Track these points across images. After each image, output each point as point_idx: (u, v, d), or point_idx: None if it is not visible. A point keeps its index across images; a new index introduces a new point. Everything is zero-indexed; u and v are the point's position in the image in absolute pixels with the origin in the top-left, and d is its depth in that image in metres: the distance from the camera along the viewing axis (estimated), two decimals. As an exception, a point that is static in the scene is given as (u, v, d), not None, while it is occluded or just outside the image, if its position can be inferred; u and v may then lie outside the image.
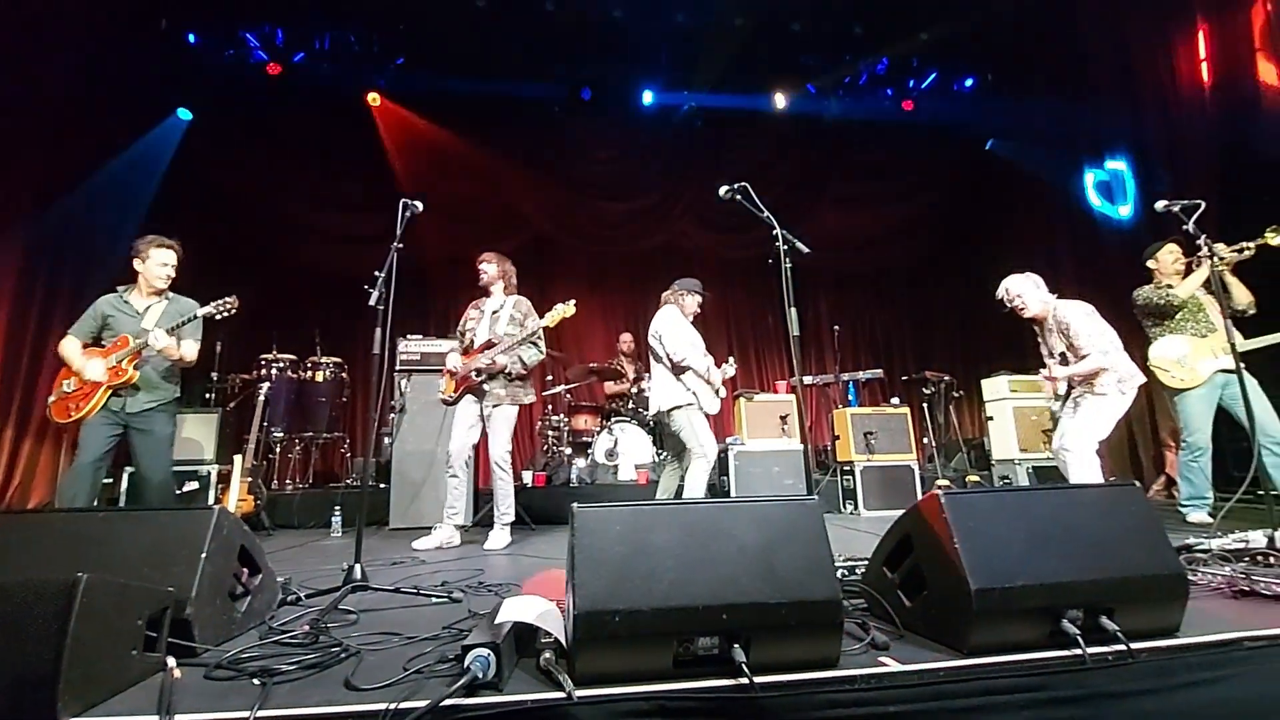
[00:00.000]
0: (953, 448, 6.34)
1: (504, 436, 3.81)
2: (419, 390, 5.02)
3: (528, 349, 3.84)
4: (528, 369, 3.86)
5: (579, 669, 1.28)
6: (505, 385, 3.81)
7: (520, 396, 3.87)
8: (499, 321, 3.90)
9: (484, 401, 3.82)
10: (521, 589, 2.45)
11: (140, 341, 3.36)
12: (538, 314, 3.96)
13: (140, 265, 3.54)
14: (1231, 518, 3.43)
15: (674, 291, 4.17)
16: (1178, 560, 1.65)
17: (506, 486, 3.86)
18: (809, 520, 1.46)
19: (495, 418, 3.79)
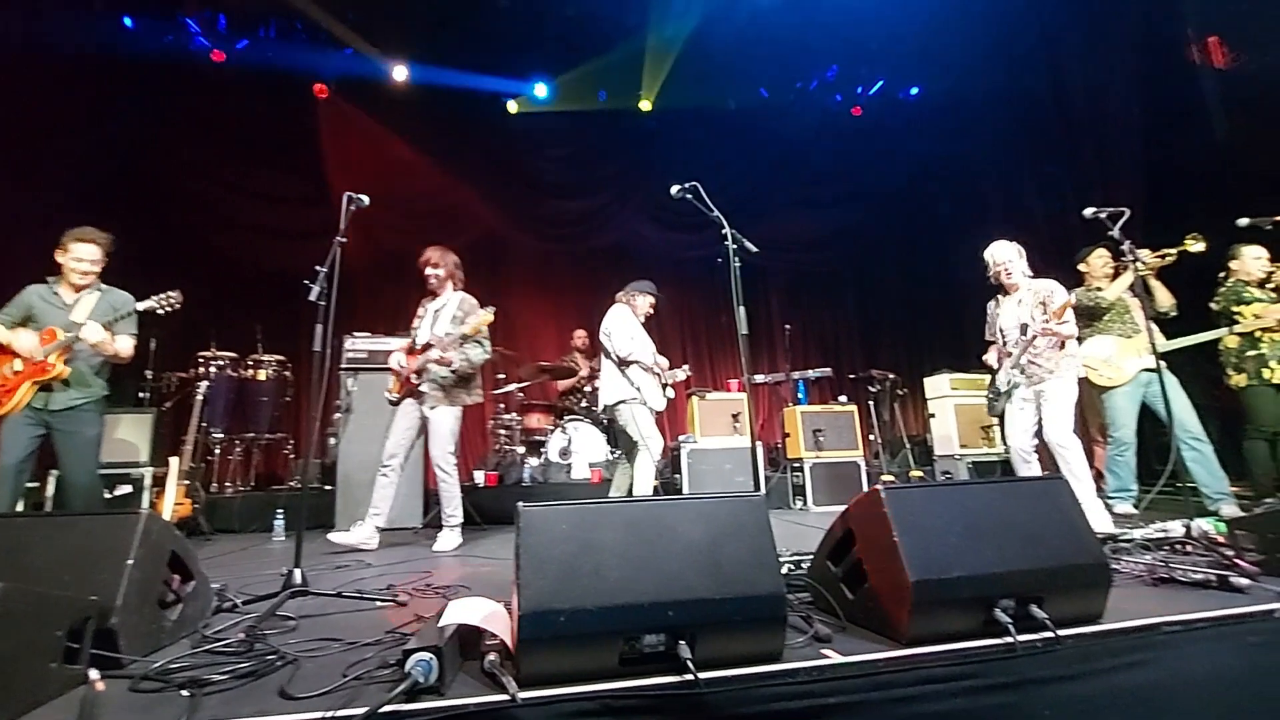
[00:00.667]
0: (897, 444, 6.54)
1: (444, 438, 3.70)
2: (366, 390, 4.87)
3: (473, 347, 3.72)
4: (475, 367, 3.76)
5: (524, 670, 1.26)
6: (443, 387, 3.71)
7: (461, 398, 3.76)
8: (440, 320, 3.80)
9: (423, 404, 3.72)
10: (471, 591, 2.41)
11: (71, 335, 3.17)
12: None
13: (61, 258, 3.34)
14: (1153, 508, 3.65)
15: (627, 292, 4.25)
16: (1102, 550, 1.74)
17: (452, 488, 3.77)
18: (754, 516, 1.48)
19: (434, 420, 3.69)
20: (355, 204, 2.94)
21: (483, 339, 3.76)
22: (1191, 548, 2.42)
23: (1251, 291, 4.05)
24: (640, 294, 4.22)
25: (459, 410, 3.75)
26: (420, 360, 3.67)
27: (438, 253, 3.91)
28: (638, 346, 4.02)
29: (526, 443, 6.16)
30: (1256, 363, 3.98)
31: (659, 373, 4.11)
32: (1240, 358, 4.05)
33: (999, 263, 3.72)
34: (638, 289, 4.24)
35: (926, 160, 8.83)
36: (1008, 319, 3.72)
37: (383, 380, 4.91)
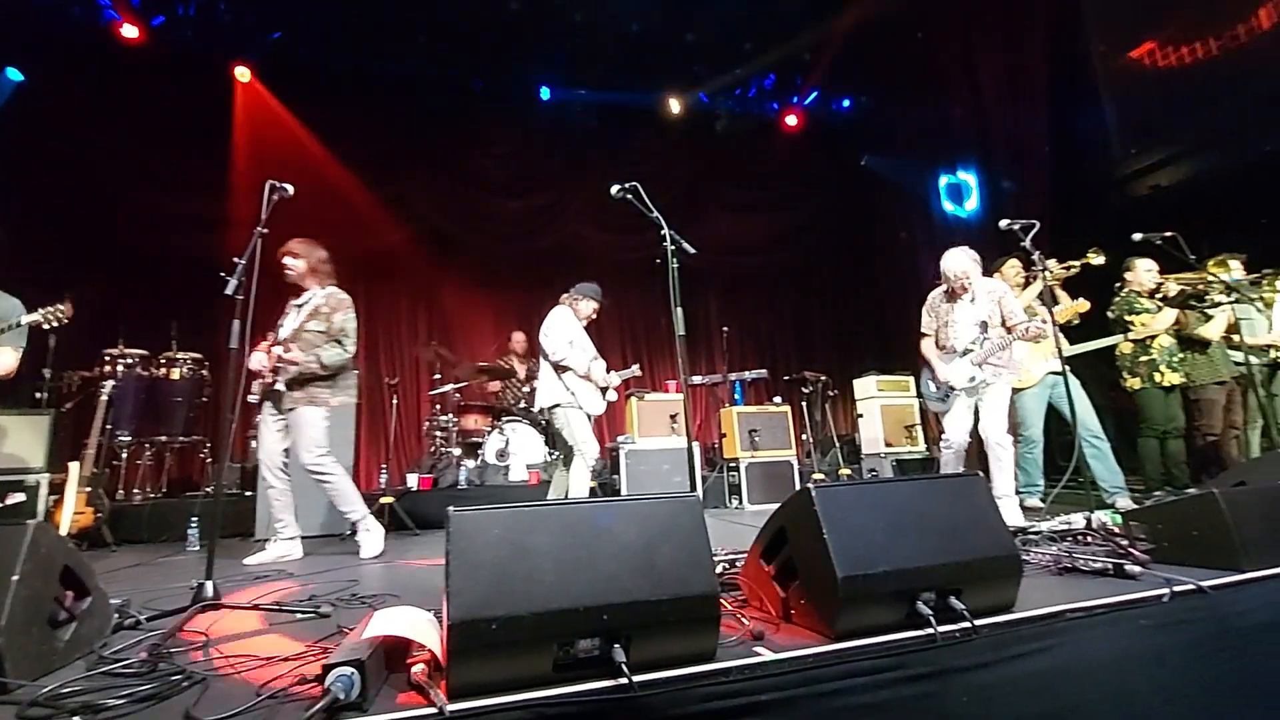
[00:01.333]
0: (828, 443, 6.78)
1: (308, 440, 3.41)
2: (290, 390, 4.64)
3: (330, 347, 3.47)
4: (328, 369, 3.46)
5: (453, 681, 1.22)
6: (302, 386, 3.44)
7: (323, 397, 3.47)
8: (300, 317, 3.54)
9: (281, 405, 3.46)
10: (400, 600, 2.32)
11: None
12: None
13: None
14: (1058, 503, 3.91)
15: (571, 294, 4.18)
16: (1014, 543, 1.84)
17: (339, 486, 3.49)
18: (689, 517, 1.48)
19: (294, 422, 3.43)
20: (279, 193, 2.79)
21: (344, 338, 3.53)
22: (1092, 539, 2.60)
23: (1143, 302, 4.41)
24: (585, 298, 4.15)
25: (323, 410, 3.47)
26: (274, 359, 3.41)
27: (300, 245, 3.60)
28: (574, 353, 3.94)
29: (463, 444, 6.02)
30: (1148, 367, 4.34)
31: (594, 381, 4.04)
32: (1134, 362, 4.41)
33: (958, 275, 3.72)
34: (583, 292, 4.16)
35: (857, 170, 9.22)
36: (963, 318, 3.76)
37: (308, 380, 4.72)
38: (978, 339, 3.68)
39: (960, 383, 3.69)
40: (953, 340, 3.78)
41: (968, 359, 3.69)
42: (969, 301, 3.76)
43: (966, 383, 3.68)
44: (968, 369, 3.68)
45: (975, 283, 3.74)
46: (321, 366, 3.44)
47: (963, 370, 3.69)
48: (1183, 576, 1.94)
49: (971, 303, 3.75)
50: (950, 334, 3.79)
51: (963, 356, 3.72)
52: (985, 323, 3.69)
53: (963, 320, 3.76)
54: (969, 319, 3.75)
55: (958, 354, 3.74)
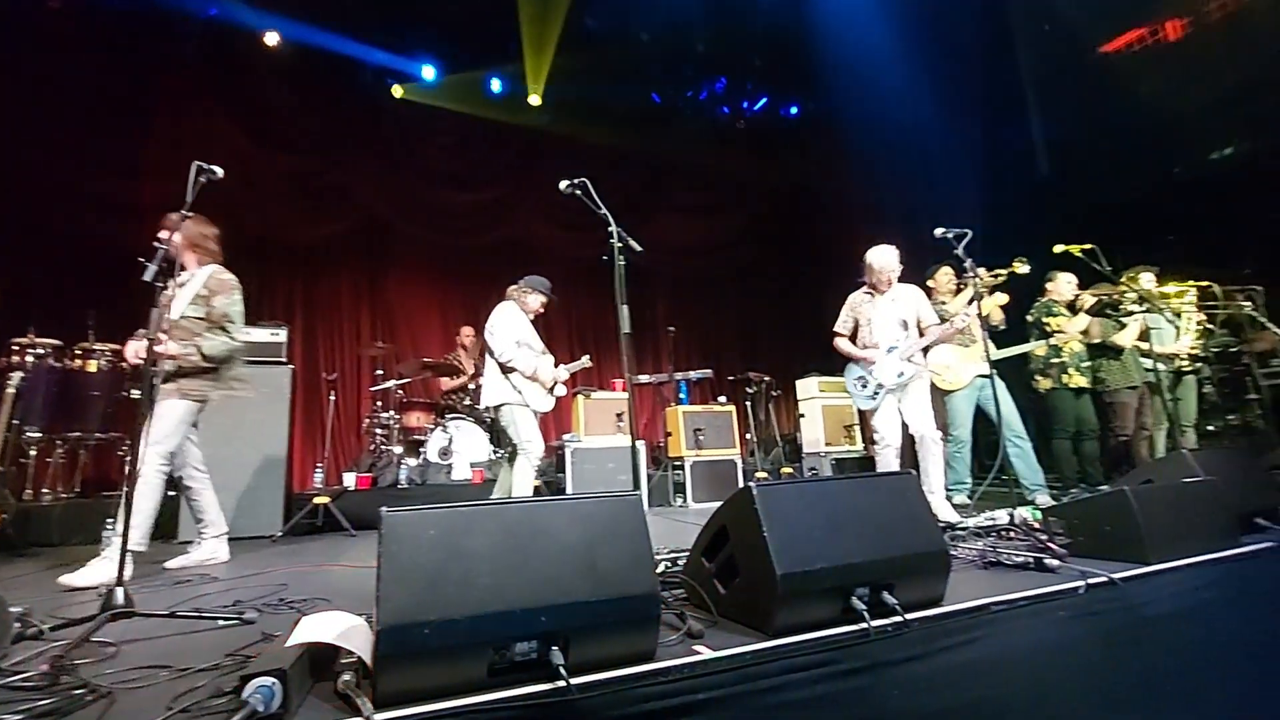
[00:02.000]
0: (770, 442, 6.92)
1: (159, 431, 2.97)
2: (217, 384, 4.40)
3: (212, 335, 3.11)
4: (210, 360, 3.11)
5: (382, 689, 1.17)
6: (174, 378, 3.08)
7: (197, 391, 3.12)
8: (179, 300, 3.13)
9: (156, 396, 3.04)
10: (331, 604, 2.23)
11: None
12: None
13: None
14: (984, 499, 4.11)
15: (518, 288, 4.08)
16: (944, 538, 1.92)
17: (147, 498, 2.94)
18: (631, 515, 1.47)
19: (156, 412, 3.01)
20: (206, 175, 2.61)
21: (229, 325, 3.17)
22: (1014, 534, 2.73)
23: (1059, 307, 4.68)
24: (533, 291, 4.07)
25: (193, 406, 3.12)
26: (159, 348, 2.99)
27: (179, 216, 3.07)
28: (521, 353, 3.86)
29: (404, 442, 5.84)
30: (1058, 369, 4.62)
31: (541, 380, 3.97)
32: (1046, 364, 4.69)
33: (886, 269, 3.87)
34: (531, 285, 4.07)
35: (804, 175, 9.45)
36: (885, 315, 3.88)
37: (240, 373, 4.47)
38: (900, 336, 3.82)
39: (890, 380, 3.81)
40: (875, 337, 3.89)
41: (894, 355, 3.81)
42: (890, 300, 3.89)
43: (896, 379, 3.80)
44: (896, 365, 3.81)
45: (894, 279, 3.90)
46: (203, 357, 3.08)
47: (892, 366, 3.81)
48: (1096, 569, 2.06)
49: (892, 301, 3.89)
50: (872, 331, 3.90)
51: (889, 353, 3.83)
52: (905, 321, 3.84)
53: (885, 318, 3.89)
54: (892, 316, 3.88)
55: (882, 350, 3.85)
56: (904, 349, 3.79)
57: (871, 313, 3.93)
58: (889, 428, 3.82)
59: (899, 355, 3.80)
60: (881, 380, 3.83)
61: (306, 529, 4.44)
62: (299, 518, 4.35)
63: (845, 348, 4.03)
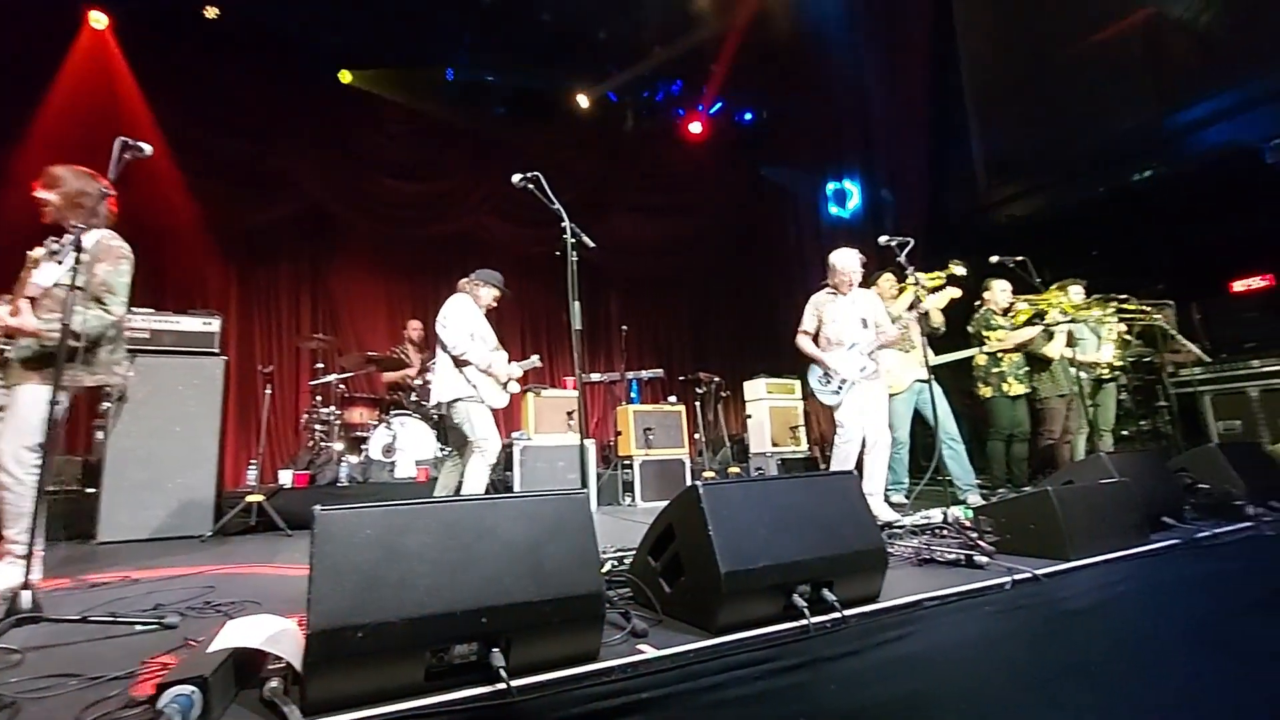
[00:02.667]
0: (719, 442, 7.01)
1: (22, 427, 2.55)
2: (147, 376, 4.15)
3: (87, 310, 2.61)
4: (84, 337, 2.61)
5: (311, 695, 1.12)
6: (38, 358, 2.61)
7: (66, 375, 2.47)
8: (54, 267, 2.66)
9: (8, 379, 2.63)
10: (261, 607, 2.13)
11: None
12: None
13: None
14: (920, 499, 4.26)
15: (471, 280, 3.97)
16: (881, 536, 1.97)
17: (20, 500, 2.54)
18: (577, 514, 1.46)
19: (13, 399, 2.59)
20: (132, 152, 2.43)
21: (108, 297, 2.70)
22: (947, 532, 2.83)
23: (997, 319, 4.90)
24: (486, 284, 3.97)
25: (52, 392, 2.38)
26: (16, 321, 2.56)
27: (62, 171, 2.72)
28: (475, 346, 3.77)
29: (346, 439, 5.64)
30: (998, 378, 4.84)
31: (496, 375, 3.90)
32: (987, 373, 4.90)
33: (849, 271, 3.97)
34: (484, 278, 3.97)
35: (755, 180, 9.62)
36: (848, 314, 3.99)
37: (170, 365, 4.24)
38: (862, 334, 3.94)
39: (853, 374, 3.90)
40: (839, 335, 3.99)
41: (856, 350, 3.92)
42: (850, 301, 4.02)
43: (859, 373, 3.90)
44: (859, 360, 3.91)
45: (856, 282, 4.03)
46: (74, 335, 2.49)
47: (854, 361, 3.91)
48: (1022, 566, 2.17)
49: (853, 304, 4.02)
50: (836, 330, 4.00)
51: (850, 349, 3.94)
52: (865, 320, 3.96)
53: (848, 316, 4.00)
54: (853, 315, 3.99)
55: (845, 347, 3.95)
56: (865, 345, 3.92)
57: (835, 311, 4.04)
58: (853, 422, 3.90)
59: (860, 350, 3.92)
60: (845, 375, 3.92)
61: (239, 529, 4.24)
62: (230, 517, 4.15)
63: (808, 348, 4.10)
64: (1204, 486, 3.17)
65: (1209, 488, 3.15)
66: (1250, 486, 3.06)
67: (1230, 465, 3.15)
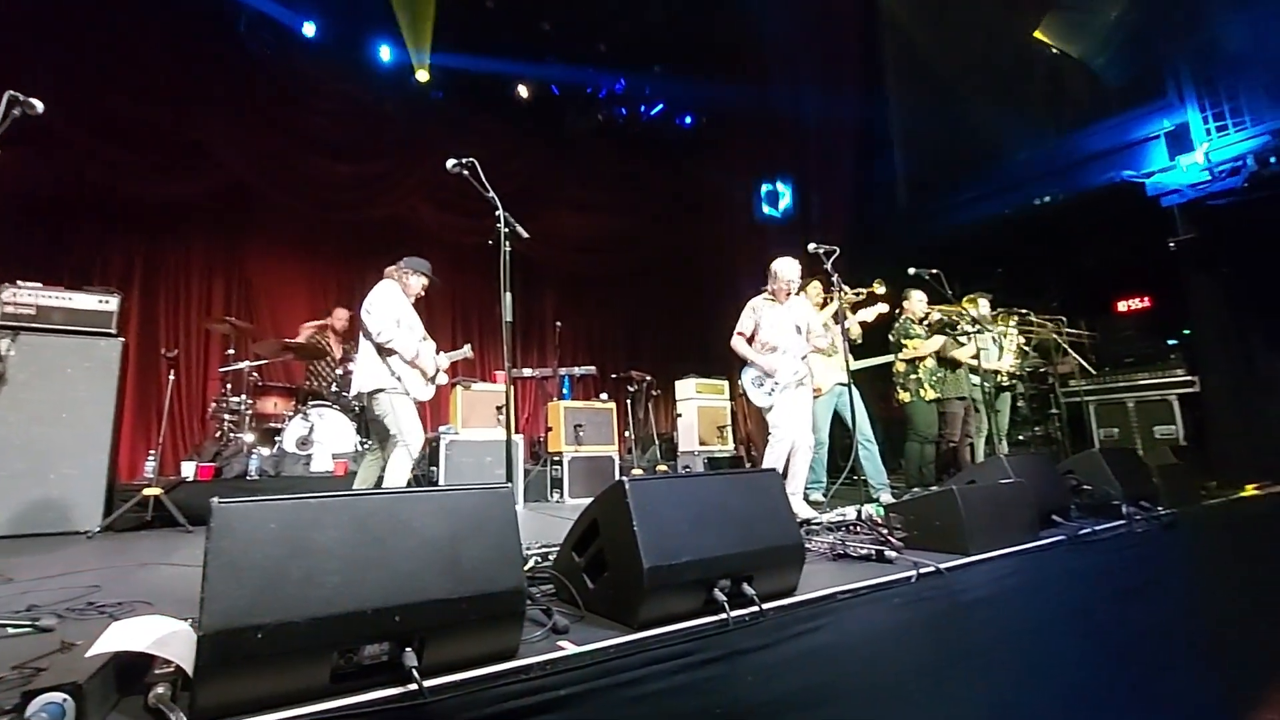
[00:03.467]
0: (648, 440, 7.07)
1: None
2: (32, 356, 3.79)
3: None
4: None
5: (201, 701, 1.05)
6: None
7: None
8: None
9: None
10: (153, 608, 1.98)
11: None
12: None
13: None
14: (836, 497, 4.45)
15: (398, 267, 3.82)
16: (799, 532, 2.05)
17: None
18: (500, 509, 1.43)
19: None
20: (22, 108, 2.20)
21: None
22: (861, 528, 2.97)
23: (916, 328, 5.18)
24: (414, 272, 3.82)
25: None
26: None
27: None
28: (401, 334, 3.63)
29: (258, 430, 5.32)
30: (916, 383, 5.12)
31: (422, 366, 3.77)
32: (905, 379, 5.17)
33: (790, 279, 4.08)
34: (413, 266, 3.82)
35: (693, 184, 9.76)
36: (784, 320, 4.10)
37: (58, 345, 3.86)
38: (796, 339, 4.07)
39: (786, 378, 4.01)
40: (774, 340, 4.09)
41: (790, 355, 4.04)
42: (787, 307, 4.15)
43: (792, 376, 4.02)
44: (793, 364, 4.03)
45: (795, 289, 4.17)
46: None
47: (789, 365, 4.03)
48: (927, 560, 2.30)
49: (789, 309, 4.15)
50: (771, 334, 4.10)
51: (785, 354, 4.05)
52: (799, 326, 4.09)
53: (784, 322, 4.12)
54: (789, 321, 4.12)
55: (779, 352, 4.05)
56: (798, 350, 4.04)
57: (772, 316, 4.13)
58: (786, 422, 4.00)
59: (795, 355, 4.03)
60: (780, 379, 4.01)
61: (132, 525, 3.92)
62: (123, 511, 3.83)
63: (742, 350, 4.18)
64: (1087, 487, 3.47)
65: (1091, 489, 3.45)
66: (1125, 488, 3.37)
67: (1109, 469, 3.45)
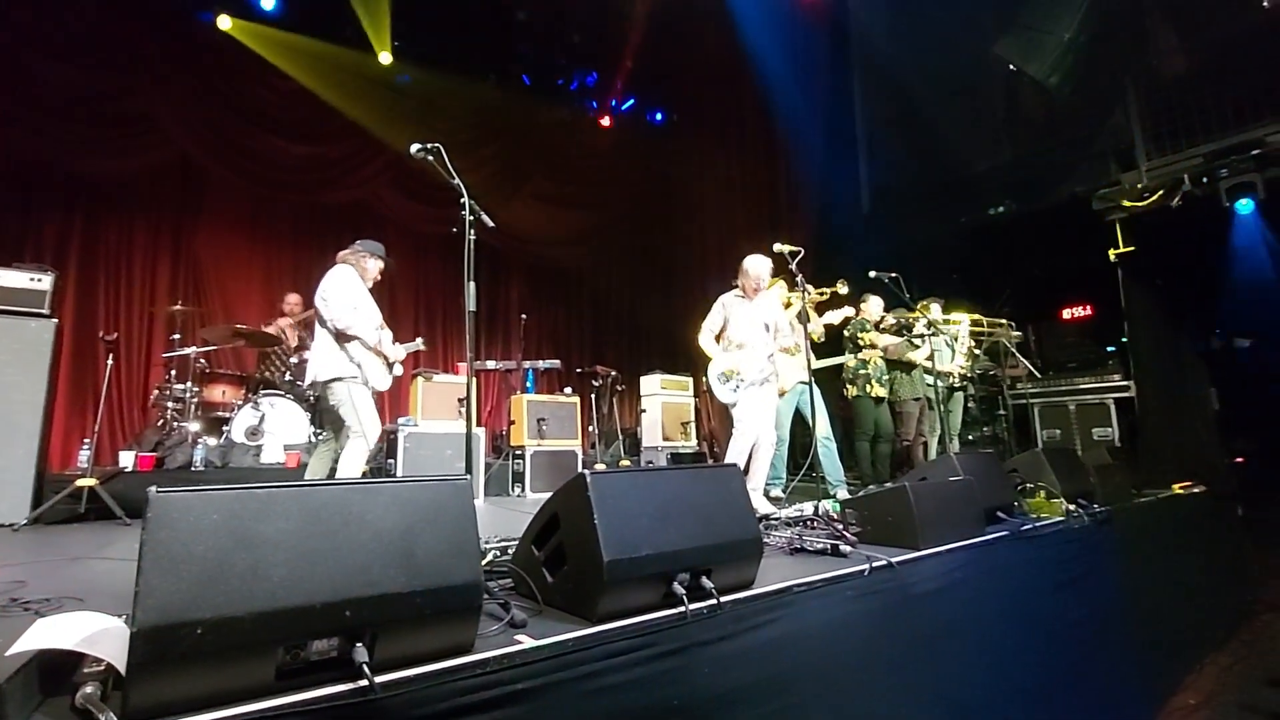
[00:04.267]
0: (612, 435, 7.07)
1: None
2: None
3: None
4: None
5: (135, 701, 1.00)
6: None
7: None
8: None
9: None
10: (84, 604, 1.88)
11: None
12: None
13: None
14: (795, 493, 4.52)
15: (354, 251, 3.70)
16: (758, 527, 2.07)
17: None
18: (456, 501, 1.40)
19: None
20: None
21: None
22: (817, 524, 3.03)
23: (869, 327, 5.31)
24: (370, 256, 3.70)
25: None
26: None
27: None
28: (359, 319, 3.51)
29: (204, 419, 5.12)
30: (864, 380, 5.25)
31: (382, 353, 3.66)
32: (854, 375, 5.31)
33: (759, 277, 4.11)
34: (369, 249, 3.70)
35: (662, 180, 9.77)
36: (752, 317, 4.13)
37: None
38: (765, 338, 4.11)
39: (752, 375, 4.05)
40: (742, 337, 4.12)
41: (757, 352, 4.07)
42: (756, 305, 4.18)
43: (757, 374, 4.05)
44: (759, 361, 4.06)
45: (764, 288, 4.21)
46: None
47: (754, 363, 4.06)
48: (879, 554, 2.35)
49: (757, 306, 4.19)
50: (739, 332, 4.14)
51: (752, 351, 4.08)
52: (767, 324, 4.14)
53: (752, 319, 4.15)
54: (757, 319, 4.15)
55: (746, 348, 4.08)
56: (765, 348, 4.08)
57: (740, 314, 4.16)
58: (750, 418, 4.02)
59: (761, 353, 4.06)
60: (746, 376, 4.04)
61: (64, 517, 3.73)
62: (53, 502, 3.64)
63: (710, 346, 4.21)
64: (1030, 485, 3.61)
65: (1034, 486, 3.59)
66: (1065, 486, 3.52)
67: (1050, 468, 3.60)
